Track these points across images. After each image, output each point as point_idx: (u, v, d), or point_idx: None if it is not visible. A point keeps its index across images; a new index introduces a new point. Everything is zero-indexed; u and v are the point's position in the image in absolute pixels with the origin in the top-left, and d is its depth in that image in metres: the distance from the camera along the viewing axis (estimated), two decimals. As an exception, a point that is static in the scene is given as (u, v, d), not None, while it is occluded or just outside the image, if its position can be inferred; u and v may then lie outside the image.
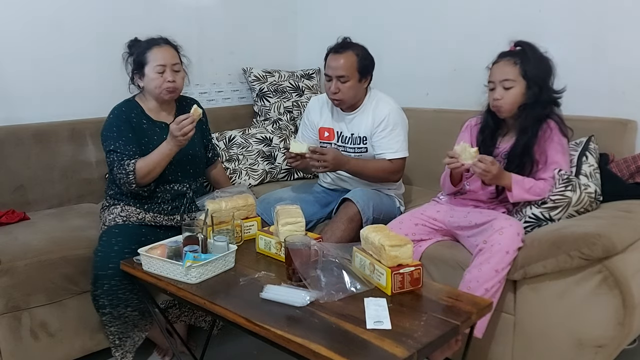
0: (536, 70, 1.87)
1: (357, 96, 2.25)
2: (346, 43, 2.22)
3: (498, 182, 1.87)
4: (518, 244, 1.74)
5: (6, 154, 2.40)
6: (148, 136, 2.09)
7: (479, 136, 2.05)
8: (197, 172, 2.23)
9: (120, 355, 1.96)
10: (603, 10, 2.25)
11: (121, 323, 1.94)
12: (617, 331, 1.60)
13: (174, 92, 2.10)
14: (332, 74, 2.19)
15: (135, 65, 2.10)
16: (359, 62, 2.18)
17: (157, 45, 2.08)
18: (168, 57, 2.07)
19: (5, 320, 1.89)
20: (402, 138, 2.25)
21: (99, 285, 1.87)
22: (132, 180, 1.99)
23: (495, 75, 1.92)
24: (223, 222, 1.82)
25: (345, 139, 2.33)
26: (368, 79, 2.25)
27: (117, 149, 2.02)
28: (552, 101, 1.91)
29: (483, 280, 1.72)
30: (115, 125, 2.06)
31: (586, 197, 1.86)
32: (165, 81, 2.06)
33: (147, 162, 2.00)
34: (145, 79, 2.08)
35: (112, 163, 2.03)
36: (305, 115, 2.47)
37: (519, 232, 1.77)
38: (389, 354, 1.21)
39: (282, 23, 3.47)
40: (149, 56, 2.06)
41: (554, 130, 1.90)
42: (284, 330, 1.31)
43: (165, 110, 2.18)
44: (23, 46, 2.52)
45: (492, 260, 1.72)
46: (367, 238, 1.57)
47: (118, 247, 1.89)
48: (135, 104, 2.14)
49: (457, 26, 2.75)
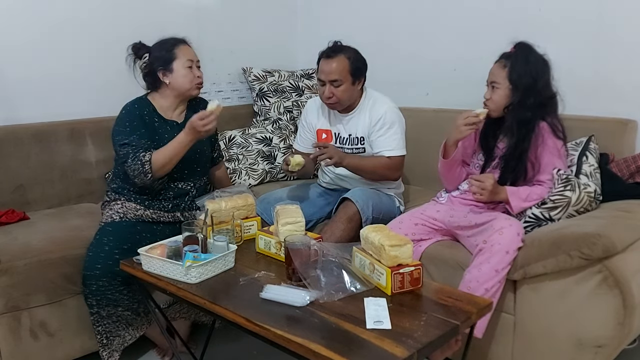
0: (523, 74, 1.88)
1: (352, 98, 2.25)
2: (337, 47, 2.22)
3: (495, 197, 1.89)
4: (518, 243, 1.74)
5: (6, 154, 2.39)
6: (159, 134, 2.10)
7: (482, 133, 2.06)
8: (202, 171, 2.24)
9: (107, 354, 1.97)
10: (603, 10, 2.25)
11: (111, 322, 1.95)
12: (617, 331, 1.60)
13: (201, 86, 2.17)
14: (325, 78, 2.19)
15: (162, 63, 2.11)
16: (351, 65, 2.18)
17: (183, 43, 2.15)
18: (193, 54, 2.16)
19: (5, 320, 1.89)
20: (400, 136, 2.25)
21: (87, 285, 1.88)
22: (148, 169, 1.98)
23: (489, 76, 1.97)
24: (223, 222, 1.82)
25: (343, 140, 2.33)
26: (361, 80, 2.25)
27: (131, 143, 2.02)
28: (540, 105, 1.90)
29: (483, 280, 1.72)
30: (128, 120, 2.08)
31: (585, 197, 1.86)
32: (196, 76, 2.13)
33: (164, 152, 2.01)
34: (173, 75, 2.11)
35: (126, 155, 2.01)
36: (303, 117, 2.47)
37: (519, 232, 1.77)
38: (389, 354, 1.21)
39: (282, 23, 3.47)
40: (177, 52, 2.11)
41: (547, 133, 1.90)
42: (284, 330, 1.31)
43: (178, 109, 2.19)
44: (23, 46, 2.52)
45: (492, 260, 1.72)
46: (367, 238, 1.57)
47: (109, 247, 1.90)
48: (147, 102, 2.15)
49: (457, 26, 2.75)
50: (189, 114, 2.16)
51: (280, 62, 3.35)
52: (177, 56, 2.11)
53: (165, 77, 2.12)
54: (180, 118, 2.19)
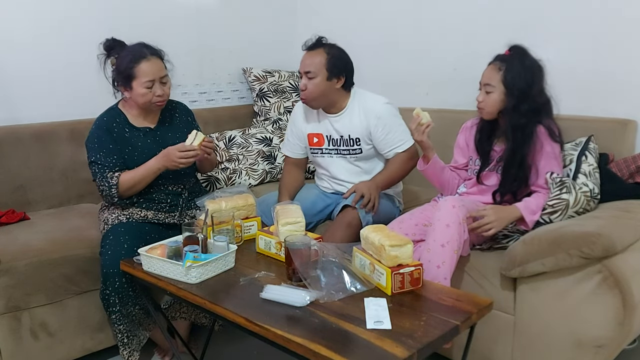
0: (518, 78, 1.86)
1: (328, 95, 2.21)
2: (319, 42, 2.22)
3: (506, 219, 1.85)
4: (457, 216, 1.77)
5: (6, 154, 2.40)
6: (132, 144, 2.09)
7: (477, 136, 2.06)
8: (188, 173, 2.21)
9: (128, 353, 1.97)
10: (603, 10, 2.25)
11: (129, 321, 1.95)
12: (617, 331, 1.60)
13: (163, 103, 2.10)
14: (301, 69, 2.20)
15: (121, 79, 2.05)
16: (328, 61, 2.16)
17: (144, 58, 2.00)
18: (156, 71, 2.02)
19: (5, 320, 1.90)
20: (403, 127, 2.23)
21: (110, 283, 1.87)
22: (114, 193, 2.01)
23: (482, 78, 1.95)
24: (223, 222, 1.82)
25: (336, 142, 2.30)
26: (340, 79, 2.21)
27: (97, 161, 2.03)
28: (535, 110, 1.89)
29: (434, 259, 1.76)
30: (97, 136, 2.06)
31: (582, 197, 1.86)
32: (155, 95, 2.03)
33: (132, 175, 2.02)
34: (133, 92, 2.04)
35: (94, 174, 2.05)
36: (291, 123, 2.43)
37: (454, 204, 1.80)
38: (389, 354, 1.21)
39: (282, 23, 3.47)
40: (136, 71, 2.00)
41: (545, 139, 1.88)
42: (284, 330, 1.31)
43: (149, 116, 2.16)
44: (23, 46, 2.53)
45: (436, 237, 1.77)
46: (367, 238, 1.57)
47: (127, 245, 1.90)
48: (118, 112, 2.13)
49: (457, 26, 2.75)
50: (163, 118, 2.17)
51: (280, 62, 3.35)
52: (136, 75, 2.00)
53: (126, 92, 2.07)
54: (154, 122, 2.16)
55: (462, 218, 1.78)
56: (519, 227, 1.89)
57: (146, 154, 2.06)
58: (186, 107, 2.30)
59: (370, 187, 2.12)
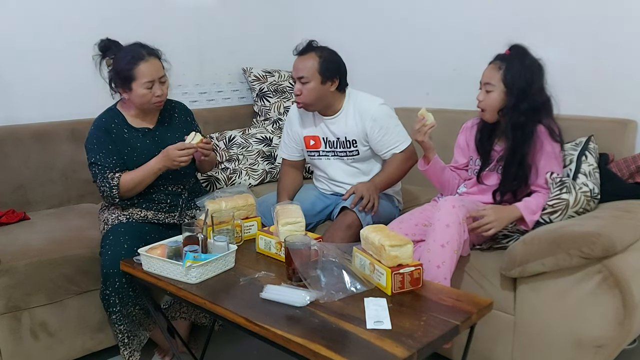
0: (518, 77, 1.86)
1: (324, 99, 2.20)
2: (310, 46, 2.21)
3: (506, 219, 1.85)
4: (457, 216, 1.77)
5: (6, 154, 2.40)
6: (131, 145, 2.09)
7: (477, 136, 2.06)
8: (188, 173, 2.21)
9: (129, 353, 1.97)
10: (603, 10, 2.25)
11: (129, 322, 1.95)
12: (617, 331, 1.60)
13: (161, 104, 2.10)
14: (294, 75, 2.19)
15: (120, 81, 2.03)
16: (320, 65, 2.15)
17: (142, 59, 2.00)
18: (154, 72, 2.01)
19: (5, 320, 1.90)
20: (400, 127, 2.23)
21: (110, 283, 1.87)
22: (115, 194, 2.01)
23: (482, 77, 1.95)
24: (223, 222, 1.82)
25: (332, 144, 2.29)
26: (335, 82, 2.19)
27: (97, 162, 2.03)
28: (535, 109, 1.89)
29: (434, 260, 1.75)
30: (96, 137, 2.06)
31: (582, 197, 1.86)
32: (154, 96, 2.03)
33: (132, 176, 2.02)
34: (132, 94, 2.03)
35: (94, 175, 2.04)
36: (287, 126, 2.42)
37: (454, 204, 1.80)
38: (389, 354, 1.21)
39: (282, 23, 3.47)
40: (135, 73, 1.99)
41: (545, 139, 1.88)
42: (284, 330, 1.32)
43: (148, 117, 2.16)
44: (23, 46, 2.53)
45: (436, 237, 1.77)
46: (367, 238, 1.57)
47: (127, 245, 1.90)
48: (117, 113, 2.12)
49: (457, 26, 2.75)
50: (162, 118, 2.17)
51: (280, 62, 3.34)
52: (136, 77, 1.99)
53: (125, 94, 2.06)
54: (152, 123, 2.15)
55: (462, 218, 1.78)
56: (519, 227, 1.89)
57: (145, 154, 2.06)
58: (185, 107, 2.30)
59: (370, 188, 2.12)
